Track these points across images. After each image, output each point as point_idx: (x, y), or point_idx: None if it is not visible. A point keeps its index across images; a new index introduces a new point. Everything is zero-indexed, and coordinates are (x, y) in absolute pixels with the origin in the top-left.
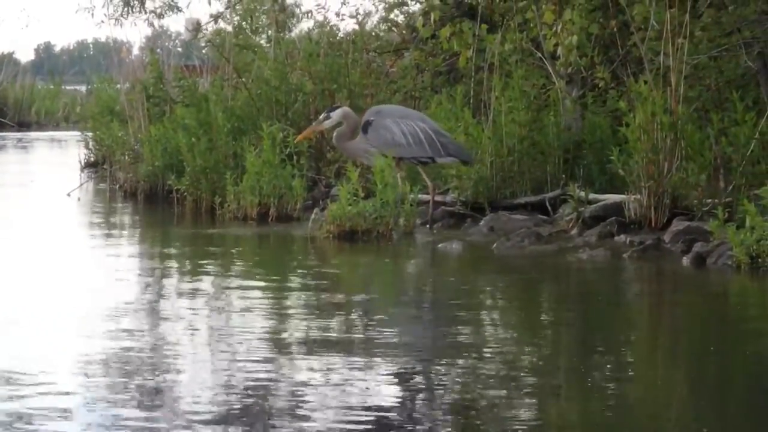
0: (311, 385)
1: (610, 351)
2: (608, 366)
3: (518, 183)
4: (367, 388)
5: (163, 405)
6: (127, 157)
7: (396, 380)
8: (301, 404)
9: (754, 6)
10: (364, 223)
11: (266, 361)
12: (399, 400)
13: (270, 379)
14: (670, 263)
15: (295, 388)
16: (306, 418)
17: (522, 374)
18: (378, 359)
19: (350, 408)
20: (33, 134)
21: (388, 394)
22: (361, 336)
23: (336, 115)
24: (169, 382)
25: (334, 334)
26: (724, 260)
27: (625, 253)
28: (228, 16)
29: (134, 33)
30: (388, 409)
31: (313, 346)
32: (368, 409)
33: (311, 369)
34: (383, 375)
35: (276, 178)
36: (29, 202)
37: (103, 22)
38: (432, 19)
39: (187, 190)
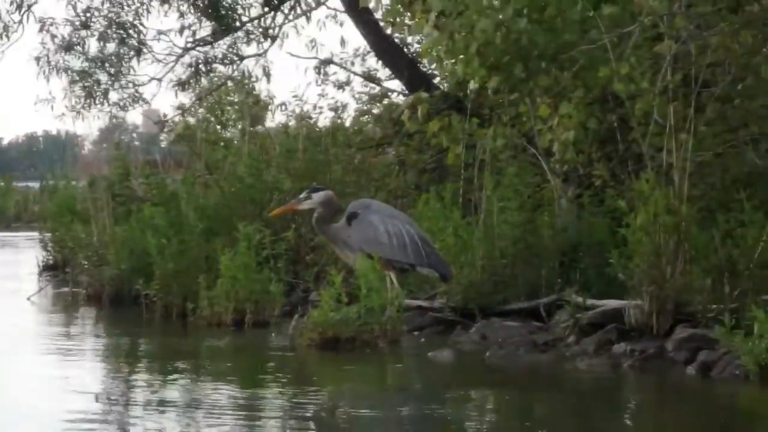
0: None
1: None
2: None
3: (511, 288)
4: None
5: None
6: (90, 260)
7: None
8: None
9: (762, 100)
10: (348, 330)
11: None
12: None
13: None
14: (674, 373)
15: None
16: None
17: None
18: None
19: None
20: None
21: None
22: None
23: (317, 197)
24: None
25: None
26: (731, 370)
27: (626, 362)
28: (194, 109)
29: (88, 126)
30: None
31: None
32: None
33: None
34: None
35: (252, 283)
36: None
37: (63, 114)
38: (419, 112)
39: (156, 294)
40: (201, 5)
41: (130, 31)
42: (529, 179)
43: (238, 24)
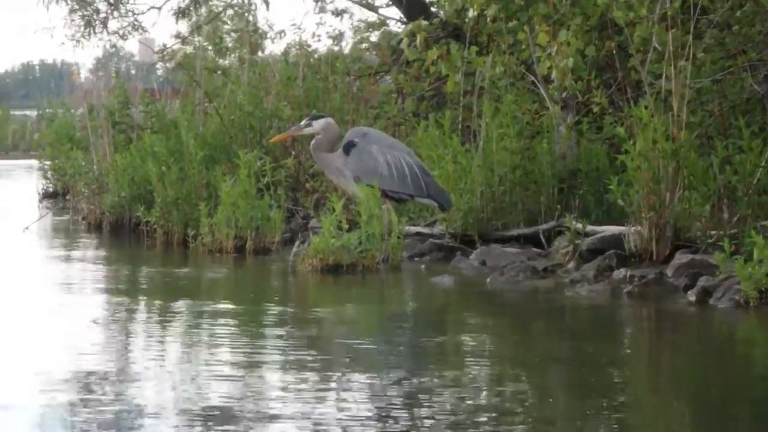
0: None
1: (605, 393)
2: (602, 410)
3: (510, 214)
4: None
5: None
6: (90, 188)
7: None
8: None
9: (760, 26)
10: (349, 257)
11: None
12: None
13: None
14: (674, 299)
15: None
16: None
17: (509, 416)
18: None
19: None
20: None
21: None
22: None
23: (318, 125)
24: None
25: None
26: (731, 295)
27: (625, 288)
28: (193, 37)
29: (86, 55)
30: None
31: (291, 387)
32: None
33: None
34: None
35: (253, 210)
36: None
37: (63, 43)
38: (417, 40)
39: (157, 222)
40: None
41: None
42: (527, 106)
43: None
